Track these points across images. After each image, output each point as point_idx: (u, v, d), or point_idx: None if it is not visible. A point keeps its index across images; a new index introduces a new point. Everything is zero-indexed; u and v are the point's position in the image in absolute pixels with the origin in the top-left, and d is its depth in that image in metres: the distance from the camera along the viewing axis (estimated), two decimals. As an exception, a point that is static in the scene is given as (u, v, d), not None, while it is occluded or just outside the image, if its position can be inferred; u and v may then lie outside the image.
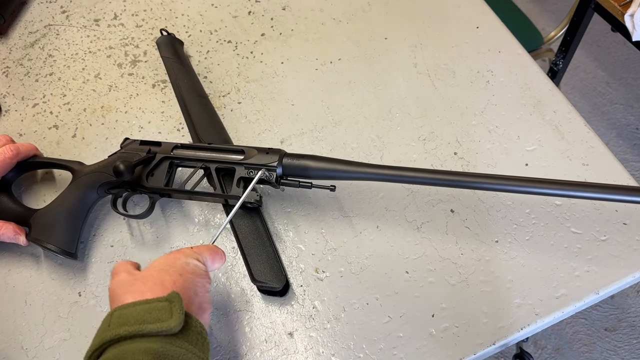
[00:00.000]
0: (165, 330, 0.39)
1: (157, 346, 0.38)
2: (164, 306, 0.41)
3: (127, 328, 0.39)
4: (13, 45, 0.87)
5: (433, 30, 0.83)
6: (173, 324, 0.40)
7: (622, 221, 0.62)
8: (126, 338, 0.39)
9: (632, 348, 1.44)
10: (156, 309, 0.40)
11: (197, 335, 0.42)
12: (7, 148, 0.64)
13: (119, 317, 0.41)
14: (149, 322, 0.39)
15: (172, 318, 0.40)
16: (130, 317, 0.40)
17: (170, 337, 0.40)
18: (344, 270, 0.62)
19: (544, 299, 0.58)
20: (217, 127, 0.73)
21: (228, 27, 0.87)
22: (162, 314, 0.40)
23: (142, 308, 0.41)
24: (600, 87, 1.91)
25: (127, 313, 0.41)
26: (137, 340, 0.39)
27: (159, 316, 0.40)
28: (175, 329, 0.40)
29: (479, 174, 0.56)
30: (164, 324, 0.39)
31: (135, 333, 0.39)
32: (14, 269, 0.65)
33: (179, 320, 0.40)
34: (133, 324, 0.39)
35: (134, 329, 0.39)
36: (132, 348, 0.38)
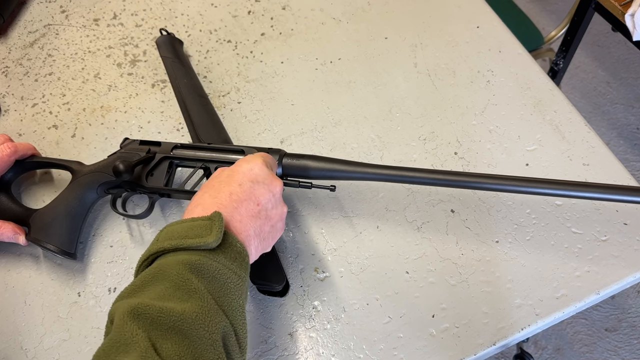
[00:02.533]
0: (203, 245, 0.43)
1: (195, 258, 0.43)
2: (206, 224, 0.45)
3: (170, 242, 0.44)
4: (12, 45, 0.87)
5: (433, 30, 0.83)
6: (211, 239, 0.43)
7: (623, 221, 0.62)
8: (170, 251, 0.44)
9: (633, 348, 1.44)
10: (198, 227, 0.44)
11: (235, 253, 0.45)
12: (4, 146, 0.64)
13: (167, 233, 0.45)
14: (190, 237, 0.43)
15: (210, 234, 0.44)
16: (175, 233, 0.44)
17: (209, 251, 0.44)
18: (344, 271, 0.62)
19: (544, 299, 0.58)
20: (217, 127, 0.73)
21: (228, 27, 0.87)
22: (203, 230, 0.44)
23: (187, 225, 0.45)
24: (601, 87, 1.91)
25: (173, 229, 0.45)
26: (178, 253, 0.43)
27: (199, 232, 0.44)
28: (213, 244, 0.44)
29: (479, 174, 0.56)
30: (202, 239, 0.43)
31: (177, 246, 0.43)
32: (13, 269, 0.65)
33: (216, 237, 0.43)
34: (176, 238, 0.44)
35: (175, 242, 0.43)
36: (173, 259, 0.43)
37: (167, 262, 0.43)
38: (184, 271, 0.42)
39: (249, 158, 0.54)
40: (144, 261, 0.45)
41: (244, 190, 0.50)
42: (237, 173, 0.51)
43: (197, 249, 0.44)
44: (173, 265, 0.42)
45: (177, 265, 0.42)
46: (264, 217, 0.50)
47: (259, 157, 0.54)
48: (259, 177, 0.52)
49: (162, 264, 0.43)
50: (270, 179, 0.52)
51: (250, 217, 0.49)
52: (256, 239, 0.50)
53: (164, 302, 0.40)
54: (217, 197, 0.49)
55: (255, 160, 0.53)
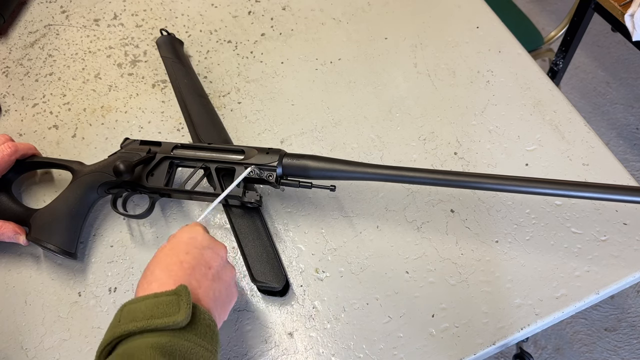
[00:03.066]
0: (173, 325, 0.40)
1: (165, 340, 0.39)
2: (172, 300, 0.41)
3: (135, 324, 0.40)
4: (13, 45, 0.87)
5: (433, 30, 0.83)
6: (180, 318, 0.40)
7: (622, 221, 0.62)
8: (135, 333, 0.40)
9: (632, 348, 1.44)
10: (164, 304, 0.41)
11: (205, 327, 0.42)
12: (5, 146, 0.64)
13: (129, 313, 0.41)
14: (157, 317, 0.40)
15: (179, 312, 0.40)
16: (138, 313, 0.41)
17: (179, 330, 0.41)
18: (344, 270, 0.62)
19: (544, 299, 0.58)
20: (217, 127, 0.73)
21: (228, 27, 0.87)
22: (170, 308, 0.41)
23: (150, 302, 0.41)
24: (601, 87, 1.91)
25: (135, 308, 0.41)
26: (145, 335, 0.40)
27: (166, 310, 0.40)
28: (183, 322, 0.40)
29: (479, 174, 0.56)
30: (171, 319, 0.40)
31: (143, 328, 0.40)
32: (14, 269, 0.65)
33: (186, 315, 0.40)
34: (141, 319, 0.40)
35: (142, 324, 0.40)
36: (140, 343, 0.39)
37: (134, 346, 0.39)
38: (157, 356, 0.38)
39: (187, 228, 0.52)
40: (106, 345, 0.41)
41: (194, 257, 0.48)
42: (180, 243, 0.49)
43: (166, 329, 0.40)
44: (142, 349, 0.38)
45: (146, 350, 0.38)
46: (218, 280, 0.49)
47: (199, 225, 0.53)
48: (204, 242, 0.50)
49: (129, 349, 0.39)
50: (214, 243, 0.51)
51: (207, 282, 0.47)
52: (217, 305, 0.48)
53: None
54: (169, 270, 0.46)
55: (196, 229, 0.52)
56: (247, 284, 0.62)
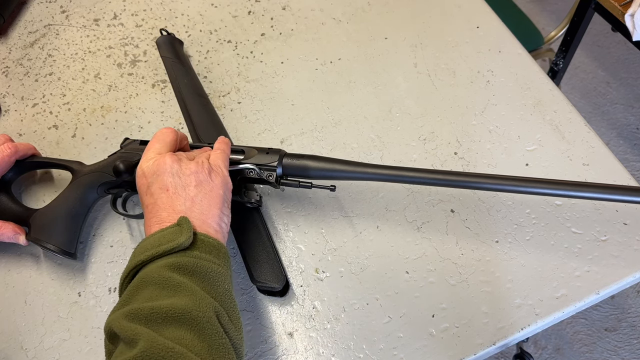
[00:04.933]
0: (177, 247, 0.46)
1: (172, 260, 0.46)
2: (175, 230, 0.47)
3: (145, 254, 0.46)
4: (13, 45, 0.87)
5: (433, 30, 0.83)
6: (182, 239, 0.46)
7: (623, 221, 0.62)
8: (147, 262, 0.47)
9: (632, 348, 1.44)
10: (169, 234, 0.47)
11: (209, 246, 0.48)
12: (5, 146, 0.64)
13: (141, 248, 0.48)
14: (163, 244, 0.46)
15: (181, 236, 0.46)
16: (149, 245, 0.47)
17: (183, 251, 0.47)
18: (344, 271, 0.62)
19: (544, 299, 0.58)
20: (217, 127, 0.73)
21: (228, 27, 0.87)
22: (175, 235, 0.47)
23: (157, 235, 0.48)
24: (601, 87, 1.91)
25: (146, 243, 0.48)
26: (156, 261, 0.46)
27: (171, 238, 0.47)
28: (185, 243, 0.46)
29: (479, 174, 0.56)
30: (175, 242, 0.46)
31: (154, 255, 0.46)
32: (13, 269, 0.65)
33: (187, 237, 0.46)
34: (150, 249, 0.47)
35: (151, 252, 0.46)
36: (154, 266, 0.46)
37: (147, 271, 0.46)
38: (165, 272, 0.45)
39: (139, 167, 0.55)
40: (125, 278, 0.48)
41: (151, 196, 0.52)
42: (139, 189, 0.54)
43: (172, 252, 0.46)
44: (154, 271, 0.45)
45: (157, 270, 0.45)
46: (181, 190, 0.52)
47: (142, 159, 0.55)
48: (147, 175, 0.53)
49: (143, 274, 0.46)
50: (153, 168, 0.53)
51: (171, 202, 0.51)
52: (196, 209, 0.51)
53: (153, 302, 0.42)
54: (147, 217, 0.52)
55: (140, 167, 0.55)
56: (247, 284, 0.62)
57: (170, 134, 0.58)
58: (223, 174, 0.55)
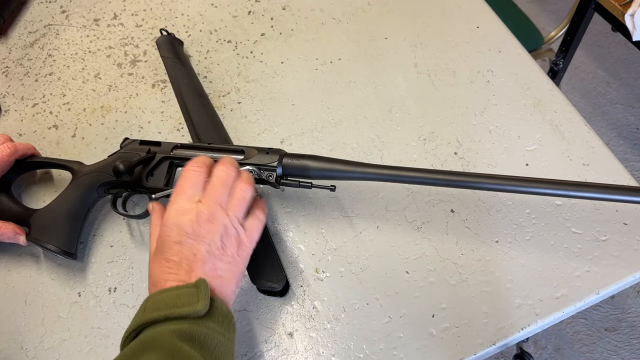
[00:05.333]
0: (193, 314, 0.44)
1: (185, 327, 0.43)
2: (192, 292, 0.45)
3: (159, 312, 0.44)
4: (13, 45, 0.87)
5: (433, 30, 0.83)
6: (199, 307, 0.44)
7: (623, 221, 0.62)
8: (158, 321, 0.44)
9: (632, 348, 1.44)
10: (185, 295, 0.45)
11: (222, 316, 0.46)
12: (4, 146, 0.64)
13: (154, 303, 0.45)
14: (178, 307, 0.44)
15: (198, 302, 0.44)
16: (162, 303, 0.45)
17: (198, 319, 0.44)
18: (344, 271, 0.62)
19: (544, 299, 0.58)
20: (217, 127, 0.73)
21: (228, 27, 0.87)
22: (190, 298, 0.44)
23: (173, 294, 0.45)
24: (601, 87, 1.91)
25: (159, 299, 0.45)
26: (167, 323, 0.44)
27: (187, 301, 0.44)
28: (202, 312, 0.44)
29: (479, 174, 0.56)
30: (191, 308, 0.44)
31: (166, 317, 0.43)
32: (13, 269, 0.65)
33: (204, 305, 0.44)
34: (164, 308, 0.44)
35: (165, 312, 0.44)
36: (163, 329, 0.43)
37: (157, 332, 0.43)
38: (176, 340, 0.42)
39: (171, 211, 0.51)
40: (131, 332, 0.45)
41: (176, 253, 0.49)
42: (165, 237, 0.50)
43: (186, 317, 0.44)
44: (164, 334, 0.42)
45: (168, 335, 0.42)
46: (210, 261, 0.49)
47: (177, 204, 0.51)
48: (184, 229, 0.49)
49: (152, 334, 0.43)
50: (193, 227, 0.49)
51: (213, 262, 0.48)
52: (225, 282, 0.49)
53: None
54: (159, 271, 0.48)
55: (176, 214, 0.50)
56: (247, 284, 0.62)
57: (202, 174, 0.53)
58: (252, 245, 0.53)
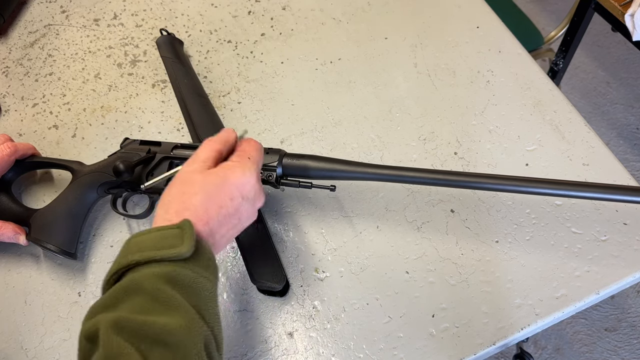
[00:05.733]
0: (177, 256, 0.42)
1: (169, 269, 0.41)
2: (176, 233, 0.43)
3: (141, 254, 0.42)
4: (13, 45, 0.87)
5: (433, 30, 0.83)
6: (184, 249, 0.42)
7: (623, 221, 0.62)
8: (141, 264, 0.42)
9: (632, 348, 1.44)
10: (169, 236, 0.43)
11: (207, 260, 0.44)
12: (4, 146, 0.64)
13: (136, 244, 0.43)
14: (162, 249, 0.42)
15: (183, 244, 0.42)
16: (144, 244, 0.43)
17: (182, 261, 0.42)
18: (344, 270, 0.62)
19: (544, 299, 0.58)
20: (217, 127, 0.73)
21: (228, 27, 0.87)
22: (175, 240, 0.42)
23: (156, 235, 0.43)
24: (601, 87, 1.91)
25: (142, 240, 0.43)
26: (151, 265, 0.42)
27: (171, 243, 0.42)
28: (186, 254, 0.42)
29: (479, 174, 0.56)
30: (175, 250, 0.42)
31: (149, 259, 0.42)
32: (14, 269, 0.65)
33: (189, 247, 0.42)
34: (147, 250, 0.42)
35: (148, 254, 0.42)
36: (147, 272, 0.41)
37: (140, 275, 0.41)
38: (160, 283, 0.40)
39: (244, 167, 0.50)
40: (112, 275, 0.43)
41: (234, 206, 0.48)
42: (230, 184, 0.49)
43: (170, 260, 0.42)
44: (147, 277, 0.41)
45: (151, 278, 0.41)
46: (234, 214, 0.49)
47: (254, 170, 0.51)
48: (250, 194, 0.50)
49: (135, 277, 0.41)
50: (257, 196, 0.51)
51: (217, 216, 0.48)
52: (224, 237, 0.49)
53: (144, 315, 0.39)
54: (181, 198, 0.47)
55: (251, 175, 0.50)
56: (247, 284, 0.62)
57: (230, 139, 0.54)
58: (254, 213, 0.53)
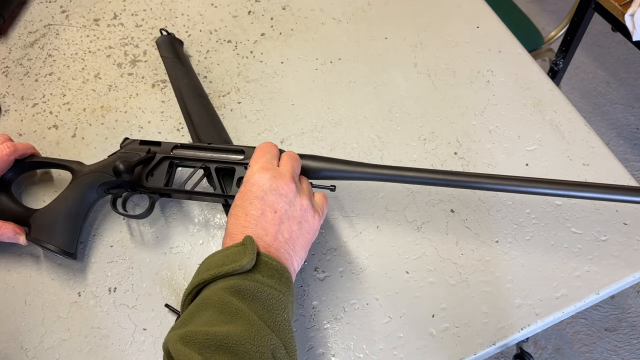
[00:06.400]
0: (239, 269, 0.46)
1: (233, 282, 0.45)
2: (239, 250, 0.47)
3: (209, 272, 0.47)
4: (13, 45, 0.87)
5: (433, 30, 0.83)
6: (245, 262, 0.46)
7: (623, 221, 0.62)
8: (210, 281, 0.47)
9: (632, 348, 1.44)
10: (233, 254, 0.47)
11: (272, 270, 0.47)
12: (4, 146, 0.64)
13: (206, 265, 0.48)
14: (226, 265, 0.46)
15: (244, 258, 0.46)
16: (212, 264, 0.48)
17: (246, 273, 0.46)
18: (344, 270, 0.62)
19: (544, 299, 0.58)
20: (217, 127, 0.73)
21: (228, 27, 0.87)
22: (238, 256, 0.47)
23: (222, 254, 0.48)
24: (601, 87, 1.91)
25: (210, 261, 0.48)
26: (218, 282, 0.46)
27: (234, 258, 0.47)
28: (247, 266, 0.46)
29: (479, 174, 0.56)
30: (237, 264, 0.46)
31: (216, 275, 0.46)
32: (13, 269, 0.65)
33: (250, 259, 0.46)
34: (213, 268, 0.47)
35: (214, 272, 0.46)
36: (214, 288, 0.46)
37: (208, 291, 0.46)
38: (225, 295, 0.44)
39: (254, 169, 0.54)
40: (188, 294, 0.48)
41: (257, 207, 0.51)
42: (247, 192, 0.52)
43: (234, 273, 0.46)
44: (215, 292, 0.45)
45: (217, 292, 0.45)
46: (286, 220, 0.51)
47: (260, 164, 0.54)
48: (265, 186, 0.52)
49: (205, 294, 0.46)
50: (275, 183, 0.52)
51: (274, 227, 0.50)
52: (291, 244, 0.51)
53: (210, 327, 0.42)
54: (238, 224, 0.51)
55: (259, 171, 0.53)
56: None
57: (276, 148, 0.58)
58: (322, 220, 0.55)
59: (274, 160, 0.55)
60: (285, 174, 0.53)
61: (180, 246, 0.65)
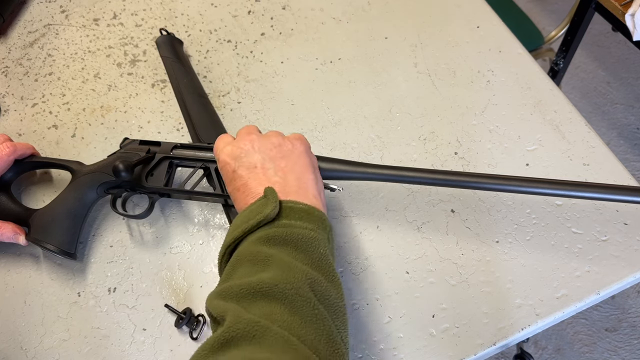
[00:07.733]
0: (265, 219, 0.47)
1: (262, 233, 0.46)
2: (262, 202, 0.48)
3: (238, 230, 0.48)
4: (12, 45, 0.87)
5: (433, 30, 0.83)
6: (268, 210, 0.46)
7: (623, 221, 0.62)
8: (241, 239, 0.48)
9: (633, 348, 1.44)
10: (257, 207, 0.48)
11: (297, 212, 0.48)
12: (3, 146, 0.64)
13: (234, 225, 0.49)
14: (252, 219, 0.47)
15: (267, 207, 0.47)
16: (239, 221, 0.49)
17: (272, 222, 0.47)
18: (343, 271, 0.62)
19: (544, 299, 0.58)
20: (217, 127, 0.73)
21: (228, 27, 0.87)
22: (261, 208, 0.47)
23: (247, 211, 0.49)
24: (601, 87, 1.91)
25: (238, 219, 0.49)
26: (248, 237, 0.47)
27: (259, 210, 0.47)
28: (272, 215, 0.47)
29: (479, 174, 0.56)
30: (262, 214, 0.47)
31: (244, 231, 0.47)
32: (13, 269, 0.65)
33: (272, 207, 0.47)
34: (241, 225, 0.48)
35: (242, 228, 0.47)
36: (245, 243, 0.47)
37: (241, 248, 0.47)
38: (255, 247, 0.45)
39: (219, 156, 0.55)
40: (223, 256, 0.49)
41: (241, 176, 0.52)
42: (225, 174, 0.54)
43: (260, 225, 0.47)
44: (245, 247, 0.46)
45: (248, 246, 0.46)
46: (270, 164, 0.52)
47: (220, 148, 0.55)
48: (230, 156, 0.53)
49: (238, 251, 0.47)
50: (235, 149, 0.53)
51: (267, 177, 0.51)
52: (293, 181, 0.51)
53: (243, 279, 0.43)
54: (243, 199, 0.51)
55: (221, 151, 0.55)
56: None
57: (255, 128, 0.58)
58: (304, 142, 0.55)
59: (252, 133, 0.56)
60: (240, 135, 0.55)
61: (180, 246, 0.65)
